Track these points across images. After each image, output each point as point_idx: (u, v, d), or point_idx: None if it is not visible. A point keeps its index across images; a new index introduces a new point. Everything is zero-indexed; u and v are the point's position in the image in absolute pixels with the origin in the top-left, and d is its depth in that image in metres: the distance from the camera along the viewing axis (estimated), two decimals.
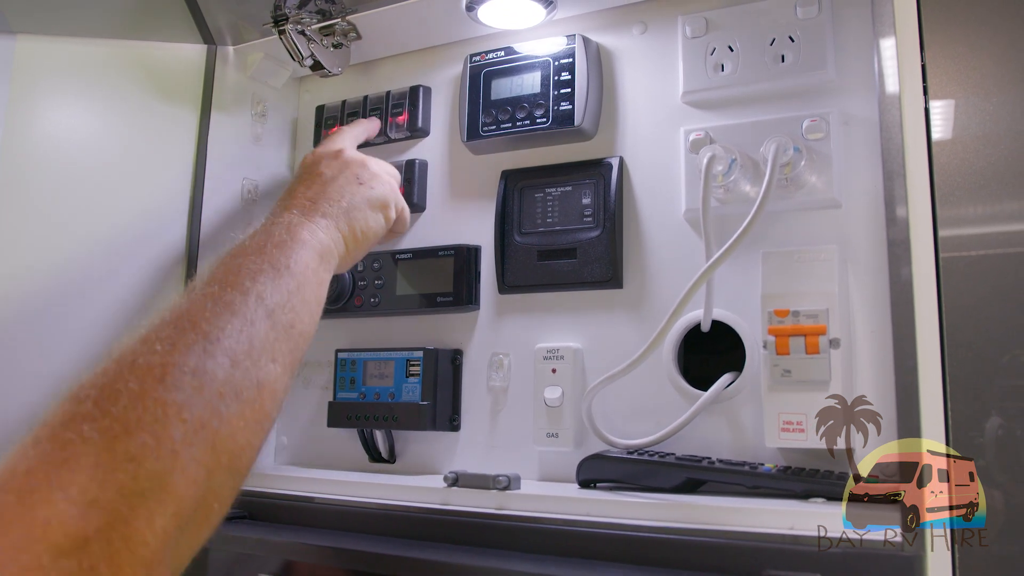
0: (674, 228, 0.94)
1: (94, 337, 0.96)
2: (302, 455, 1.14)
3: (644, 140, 0.98)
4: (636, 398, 0.92)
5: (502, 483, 0.83)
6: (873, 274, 0.81)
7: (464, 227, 1.07)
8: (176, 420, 0.53)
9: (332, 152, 0.91)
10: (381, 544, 0.82)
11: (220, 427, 0.56)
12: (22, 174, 0.91)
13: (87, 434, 0.49)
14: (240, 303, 0.64)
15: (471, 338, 1.05)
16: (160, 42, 1.07)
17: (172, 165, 1.07)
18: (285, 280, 0.69)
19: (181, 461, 0.52)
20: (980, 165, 0.69)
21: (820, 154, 0.85)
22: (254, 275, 0.67)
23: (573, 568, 0.71)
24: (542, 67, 1.01)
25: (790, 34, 0.89)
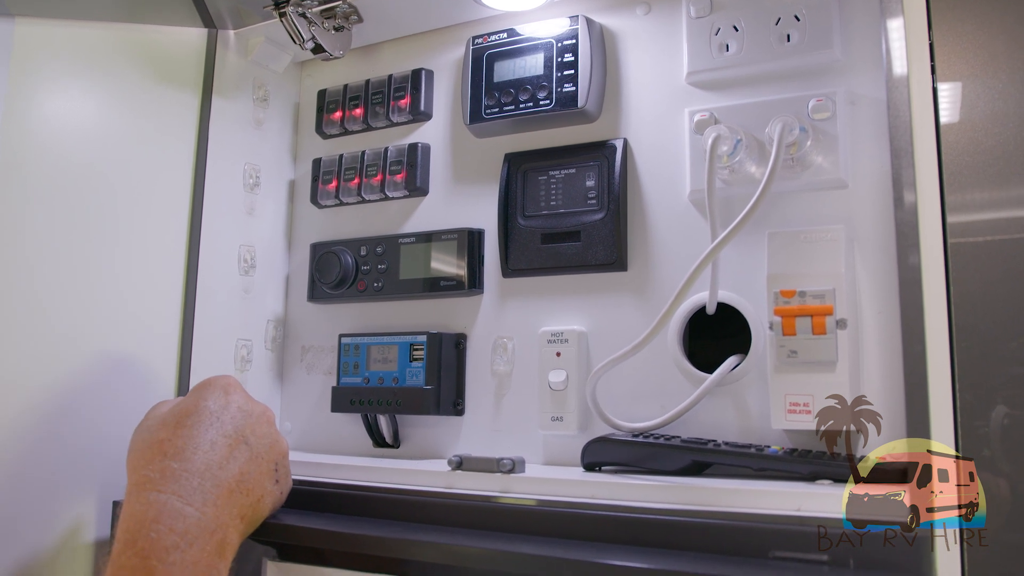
0: (679, 210, 0.93)
1: (89, 329, 0.95)
2: (306, 440, 1.14)
3: (648, 121, 0.97)
4: (641, 381, 0.92)
5: (506, 466, 0.82)
6: (880, 254, 0.81)
7: (467, 211, 1.07)
8: None
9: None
10: (385, 528, 0.81)
11: None
12: (22, 159, 0.90)
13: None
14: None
15: (475, 322, 1.04)
16: (161, 26, 1.06)
17: (173, 150, 1.06)
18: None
19: None
20: (989, 145, 0.68)
21: (826, 134, 0.84)
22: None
23: (578, 551, 0.71)
24: (545, 49, 1.00)
25: (796, 13, 0.88)
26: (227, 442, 0.77)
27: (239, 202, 1.13)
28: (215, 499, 0.72)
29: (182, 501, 0.70)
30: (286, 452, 0.85)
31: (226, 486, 0.74)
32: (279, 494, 0.83)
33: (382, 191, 1.11)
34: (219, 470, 0.74)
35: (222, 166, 1.10)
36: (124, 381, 0.98)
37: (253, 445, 0.79)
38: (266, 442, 0.81)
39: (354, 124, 1.16)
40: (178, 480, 0.71)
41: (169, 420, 0.77)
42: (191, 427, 0.76)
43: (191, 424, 0.76)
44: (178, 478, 0.72)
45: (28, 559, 0.88)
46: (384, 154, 1.12)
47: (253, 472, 0.78)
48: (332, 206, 1.17)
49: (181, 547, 0.67)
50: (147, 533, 0.67)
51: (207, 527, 0.70)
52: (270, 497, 0.81)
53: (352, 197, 1.14)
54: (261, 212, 1.17)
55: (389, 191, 1.11)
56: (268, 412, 0.84)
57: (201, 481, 0.72)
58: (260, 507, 0.79)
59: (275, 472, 0.81)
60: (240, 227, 1.13)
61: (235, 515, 0.74)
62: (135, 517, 0.68)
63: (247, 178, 1.14)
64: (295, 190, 1.22)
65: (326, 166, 1.16)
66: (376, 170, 1.12)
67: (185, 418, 0.77)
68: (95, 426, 0.94)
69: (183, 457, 0.73)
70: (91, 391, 0.95)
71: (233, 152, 1.13)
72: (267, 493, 0.80)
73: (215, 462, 0.74)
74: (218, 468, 0.74)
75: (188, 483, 0.71)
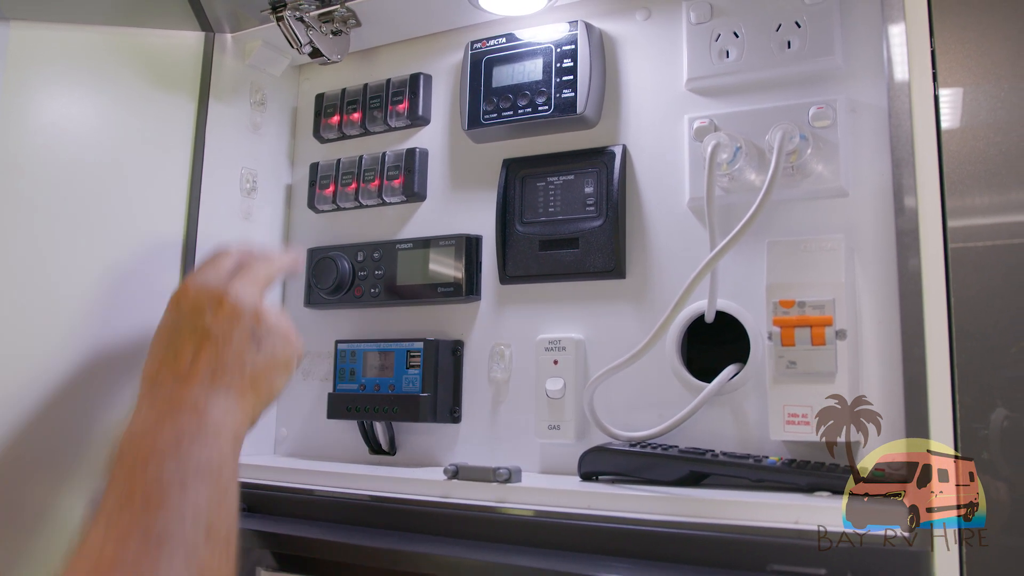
0: (678, 217, 0.93)
1: (88, 330, 0.95)
2: (301, 447, 1.14)
3: (648, 128, 0.96)
4: (639, 390, 0.91)
5: (503, 476, 0.82)
6: (880, 264, 0.80)
7: (465, 217, 1.06)
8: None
9: (215, 297, 0.74)
10: (381, 537, 0.81)
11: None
12: (18, 163, 0.90)
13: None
14: (176, 529, 0.59)
15: (472, 329, 1.04)
16: (158, 29, 1.05)
17: (170, 154, 1.06)
18: (213, 484, 0.64)
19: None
20: (990, 153, 0.68)
21: (827, 142, 0.83)
22: (181, 485, 0.62)
23: (574, 563, 0.71)
24: (544, 54, 1.00)
25: (797, 19, 0.87)
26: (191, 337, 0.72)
27: (236, 206, 1.13)
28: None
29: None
30: (257, 314, 0.75)
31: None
32: (269, 356, 0.75)
33: (380, 196, 1.11)
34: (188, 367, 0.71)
35: (219, 170, 1.09)
36: (123, 387, 0.98)
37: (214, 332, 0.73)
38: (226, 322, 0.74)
39: (352, 128, 1.15)
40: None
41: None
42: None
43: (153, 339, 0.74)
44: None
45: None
46: (382, 159, 1.11)
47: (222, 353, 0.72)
48: (329, 211, 1.16)
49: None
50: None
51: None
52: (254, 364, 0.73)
53: (349, 202, 1.13)
54: (258, 217, 1.16)
55: (387, 196, 1.10)
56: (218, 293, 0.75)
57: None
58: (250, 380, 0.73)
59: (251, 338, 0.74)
60: (237, 232, 1.12)
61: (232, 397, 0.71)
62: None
63: (244, 182, 1.14)
64: (292, 195, 1.22)
65: (323, 171, 1.16)
66: (374, 175, 1.11)
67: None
68: (96, 428, 0.93)
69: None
70: (91, 394, 0.94)
71: (230, 156, 1.12)
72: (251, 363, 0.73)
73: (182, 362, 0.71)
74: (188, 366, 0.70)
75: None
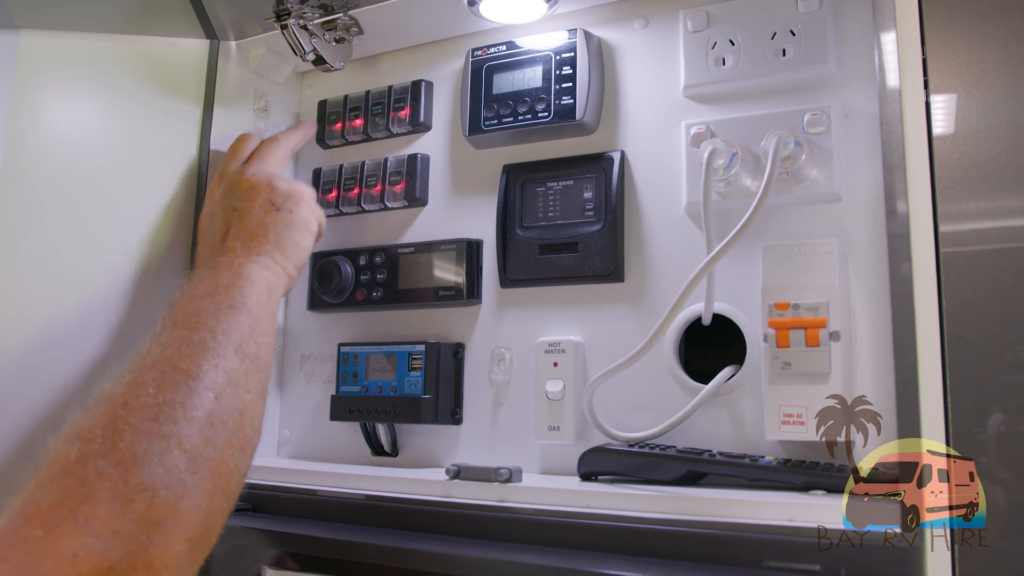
0: (675, 222, 0.94)
1: (95, 336, 0.96)
2: (305, 448, 1.15)
3: (645, 134, 0.98)
4: (637, 391, 0.92)
5: (504, 476, 0.83)
6: (873, 267, 0.82)
7: (466, 221, 1.07)
8: (178, 450, 0.57)
9: (233, 180, 0.94)
10: (383, 536, 0.82)
11: (214, 454, 0.61)
12: (25, 170, 0.91)
13: (102, 469, 0.53)
14: (210, 341, 0.68)
15: (473, 332, 1.05)
16: (163, 37, 1.07)
17: (175, 160, 1.07)
18: (244, 316, 0.74)
19: (187, 488, 0.57)
20: (981, 159, 0.68)
21: (821, 148, 0.85)
22: (216, 315, 0.72)
23: (574, 560, 0.72)
24: (543, 61, 1.01)
25: (791, 28, 0.89)
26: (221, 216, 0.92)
27: None
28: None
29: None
30: (271, 185, 0.92)
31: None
32: (288, 218, 0.90)
33: (382, 201, 1.12)
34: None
35: None
36: None
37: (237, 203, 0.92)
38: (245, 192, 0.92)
39: (354, 134, 1.17)
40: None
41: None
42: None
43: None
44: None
45: None
46: (384, 164, 1.13)
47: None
48: (332, 216, 1.18)
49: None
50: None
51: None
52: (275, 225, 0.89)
53: (352, 207, 1.15)
54: None
55: (388, 201, 1.12)
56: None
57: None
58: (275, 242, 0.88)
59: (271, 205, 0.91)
60: None
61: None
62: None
63: None
64: None
65: (326, 176, 1.17)
66: (376, 180, 1.13)
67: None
68: None
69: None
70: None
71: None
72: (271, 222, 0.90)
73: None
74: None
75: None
